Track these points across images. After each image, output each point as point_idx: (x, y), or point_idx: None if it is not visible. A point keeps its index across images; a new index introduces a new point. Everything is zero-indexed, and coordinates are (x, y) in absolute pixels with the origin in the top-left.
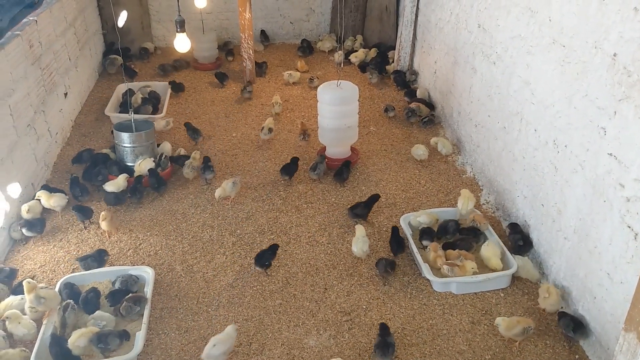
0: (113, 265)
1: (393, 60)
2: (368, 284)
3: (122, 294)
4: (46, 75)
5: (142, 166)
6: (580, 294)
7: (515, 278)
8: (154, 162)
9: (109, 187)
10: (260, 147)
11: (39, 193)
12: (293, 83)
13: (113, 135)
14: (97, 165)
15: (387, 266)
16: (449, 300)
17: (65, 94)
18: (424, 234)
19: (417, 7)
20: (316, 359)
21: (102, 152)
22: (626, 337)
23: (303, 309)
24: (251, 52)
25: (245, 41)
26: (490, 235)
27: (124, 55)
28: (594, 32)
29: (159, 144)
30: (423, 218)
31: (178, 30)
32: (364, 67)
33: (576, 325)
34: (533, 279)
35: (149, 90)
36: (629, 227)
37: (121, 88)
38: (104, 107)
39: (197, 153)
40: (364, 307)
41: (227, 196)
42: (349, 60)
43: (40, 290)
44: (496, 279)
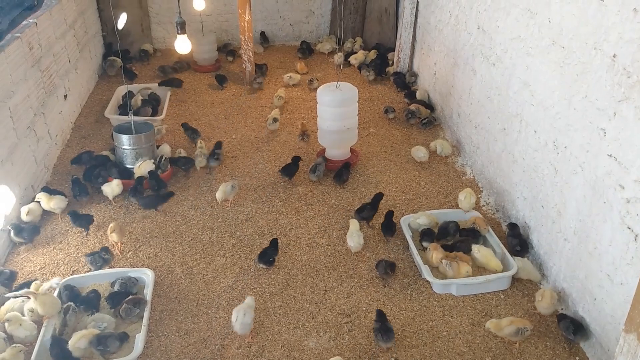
0: (113, 267)
1: (392, 62)
2: (368, 285)
3: (122, 296)
4: (46, 77)
5: (141, 168)
6: (581, 295)
7: (515, 280)
8: (153, 164)
9: (106, 188)
10: (260, 148)
11: (39, 195)
12: (293, 85)
13: (113, 138)
14: (97, 167)
15: (387, 268)
16: (449, 302)
17: (65, 96)
18: (424, 235)
19: (417, 9)
20: None
21: (101, 154)
22: (626, 339)
23: (303, 311)
24: (251, 53)
25: (245, 43)
26: (491, 237)
27: (124, 57)
28: (594, 33)
29: (159, 146)
30: (422, 220)
31: (179, 32)
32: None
33: (576, 328)
34: (535, 280)
35: (149, 92)
36: (629, 228)
37: (121, 90)
38: (104, 109)
39: (202, 142)
40: (364, 308)
41: (226, 199)
42: (349, 62)
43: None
44: (496, 280)
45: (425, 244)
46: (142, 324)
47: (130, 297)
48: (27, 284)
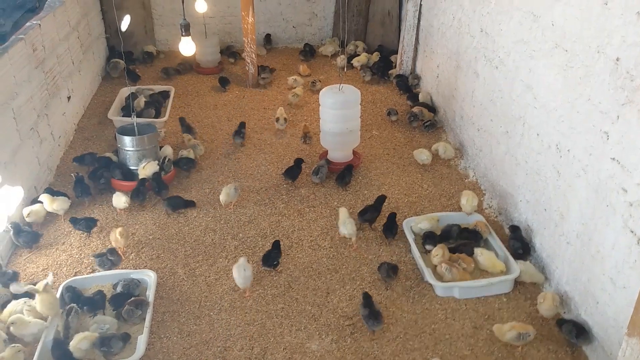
0: (115, 268)
1: (395, 65)
2: (370, 288)
3: (125, 298)
4: (49, 78)
5: (146, 169)
6: (583, 298)
7: (517, 283)
8: (158, 165)
9: (115, 199)
10: (262, 150)
11: (42, 196)
12: (296, 87)
13: (116, 139)
14: (101, 169)
15: (390, 270)
16: (452, 305)
17: (69, 98)
18: (427, 238)
19: (420, 12)
20: None
21: (104, 155)
22: (629, 342)
23: (305, 313)
24: (254, 56)
25: (248, 45)
26: (493, 240)
27: (127, 59)
28: (597, 36)
29: (161, 147)
30: (424, 224)
31: (183, 34)
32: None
33: (579, 331)
34: (539, 282)
35: (152, 93)
36: (632, 231)
37: (124, 92)
38: (107, 110)
39: (187, 135)
40: None
41: (230, 202)
42: (352, 64)
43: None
44: (498, 283)
45: (428, 247)
46: (144, 325)
47: (132, 298)
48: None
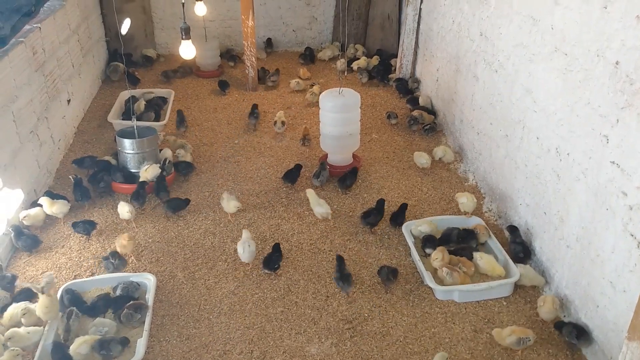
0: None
1: (395, 68)
2: (370, 291)
3: (124, 301)
4: (49, 82)
5: (148, 172)
6: (583, 302)
7: (517, 286)
8: (160, 168)
9: (120, 208)
10: (262, 153)
11: (41, 199)
12: (297, 91)
13: (115, 142)
14: (100, 172)
15: (390, 274)
16: (452, 309)
17: (69, 101)
18: (427, 242)
19: (419, 16)
20: None
21: (103, 159)
22: (629, 346)
23: (305, 317)
24: (254, 59)
25: (248, 49)
26: (493, 244)
27: (127, 62)
28: (596, 40)
29: (161, 150)
30: (424, 227)
31: (183, 37)
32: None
33: (579, 332)
34: (540, 284)
35: (151, 97)
36: (632, 235)
37: (124, 95)
38: (107, 114)
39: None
40: (366, 315)
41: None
42: (351, 68)
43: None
44: (498, 287)
45: (428, 250)
46: (144, 328)
47: (131, 302)
48: (30, 290)
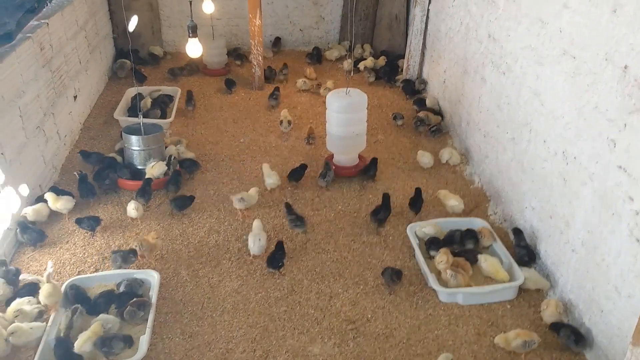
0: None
1: (402, 69)
2: (374, 292)
3: (127, 297)
4: (56, 77)
5: (154, 169)
6: (587, 307)
7: (521, 290)
8: (166, 165)
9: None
10: (268, 153)
11: (47, 195)
12: (304, 90)
13: (122, 138)
14: (106, 169)
15: (393, 275)
16: (455, 311)
17: (75, 97)
18: (431, 244)
19: (427, 17)
20: None
21: (109, 156)
22: (634, 352)
23: (308, 317)
24: (260, 58)
25: (255, 48)
26: (498, 247)
27: (134, 59)
28: (605, 44)
29: (166, 147)
30: (428, 229)
31: (190, 35)
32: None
33: (577, 336)
34: (544, 288)
35: (158, 94)
36: (638, 240)
37: (130, 92)
38: (113, 110)
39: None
40: (369, 316)
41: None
42: (358, 68)
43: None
44: (502, 290)
45: (432, 252)
46: (147, 326)
47: (134, 299)
48: (33, 285)
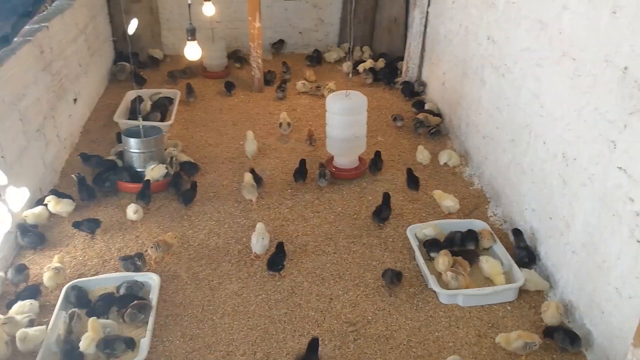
0: (119, 270)
1: (401, 72)
2: (374, 294)
3: (128, 300)
4: (56, 81)
5: (154, 171)
6: (588, 308)
7: (522, 291)
8: (166, 168)
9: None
10: (267, 155)
11: (48, 198)
12: (303, 92)
13: (118, 142)
14: (106, 172)
15: (394, 277)
16: (456, 313)
17: (75, 100)
18: (431, 245)
19: (426, 19)
20: None
21: (109, 158)
22: (635, 353)
23: (308, 319)
24: (260, 61)
25: (254, 50)
26: (498, 249)
27: (134, 62)
28: (605, 45)
29: (166, 149)
30: (428, 231)
31: (189, 38)
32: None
33: (572, 339)
34: (544, 289)
35: (159, 97)
36: (638, 241)
37: (130, 95)
38: (113, 113)
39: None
40: (370, 318)
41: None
42: (357, 70)
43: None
44: (503, 292)
45: (432, 254)
46: (147, 328)
47: (135, 302)
48: (35, 288)
